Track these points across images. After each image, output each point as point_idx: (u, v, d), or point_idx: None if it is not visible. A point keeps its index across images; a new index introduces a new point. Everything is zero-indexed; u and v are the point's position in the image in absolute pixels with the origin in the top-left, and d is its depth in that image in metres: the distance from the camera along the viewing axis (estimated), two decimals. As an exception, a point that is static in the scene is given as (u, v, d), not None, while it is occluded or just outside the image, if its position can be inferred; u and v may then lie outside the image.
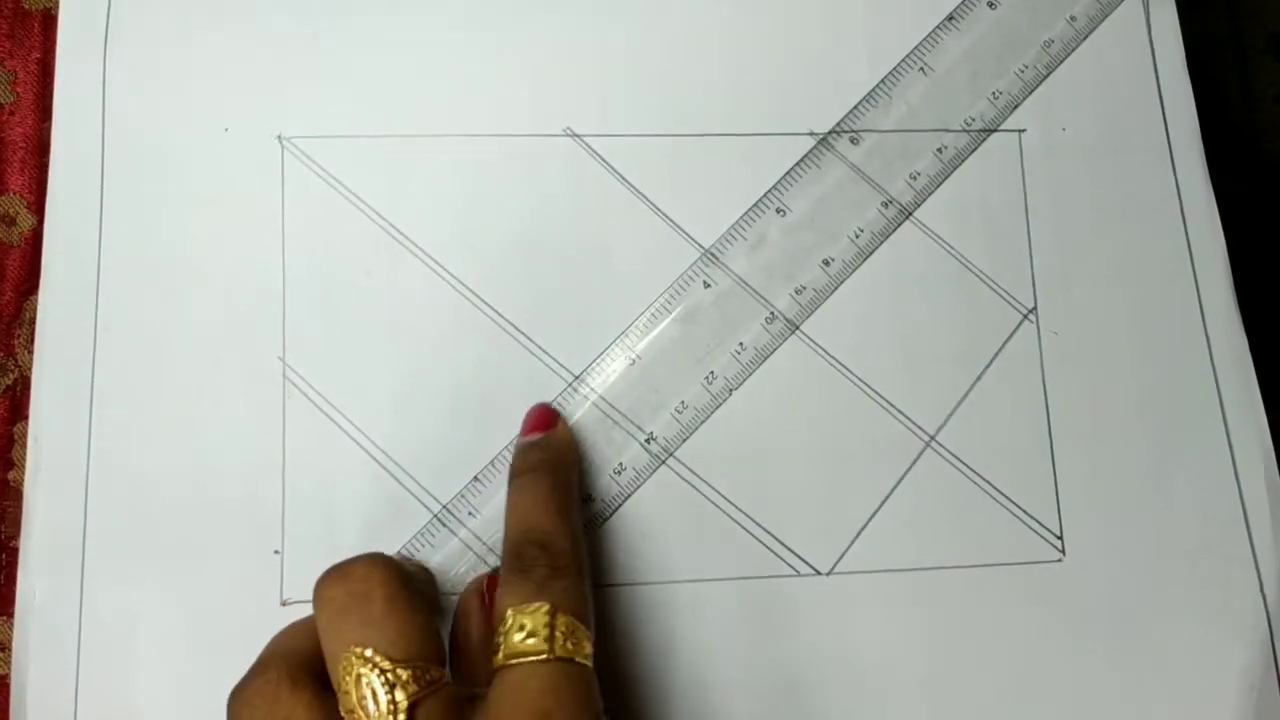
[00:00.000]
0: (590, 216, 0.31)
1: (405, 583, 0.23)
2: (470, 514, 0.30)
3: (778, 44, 0.33)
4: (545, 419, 0.29)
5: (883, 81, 0.33)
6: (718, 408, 0.31)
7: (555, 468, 0.28)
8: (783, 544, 0.30)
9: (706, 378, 0.31)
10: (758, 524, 0.30)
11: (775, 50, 0.33)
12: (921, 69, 0.33)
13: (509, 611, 0.23)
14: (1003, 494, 0.31)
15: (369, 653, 0.22)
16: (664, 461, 0.30)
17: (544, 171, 0.32)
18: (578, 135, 0.32)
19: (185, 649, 0.28)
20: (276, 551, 0.29)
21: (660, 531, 0.30)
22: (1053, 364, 0.32)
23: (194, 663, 0.28)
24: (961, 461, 0.31)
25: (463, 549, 0.29)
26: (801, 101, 0.33)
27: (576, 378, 0.31)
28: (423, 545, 0.29)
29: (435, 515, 0.29)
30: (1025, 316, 0.32)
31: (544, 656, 0.22)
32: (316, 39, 0.32)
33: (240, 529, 0.29)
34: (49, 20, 0.33)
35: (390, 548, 0.29)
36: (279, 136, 0.31)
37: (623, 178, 0.32)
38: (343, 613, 0.23)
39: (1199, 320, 0.32)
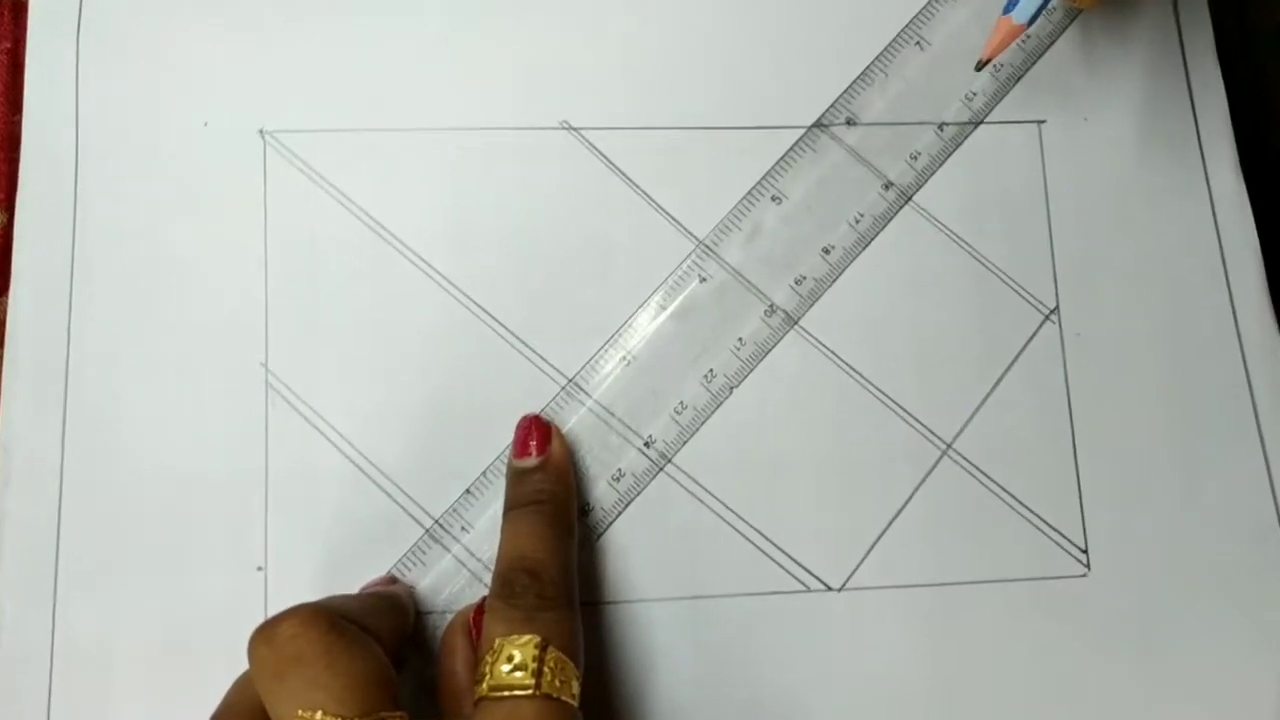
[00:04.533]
0: (586, 213, 0.31)
1: (341, 631, 0.22)
2: (463, 529, 0.29)
3: (777, 35, 0.32)
4: (541, 437, 0.28)
5: (877, 58, 0.32)
6: (718, 407, 0.30)
7: (552, 499, 0.27)
8: (791, 558, 0.29)
9: (705, 376, 0.30)
10: (765, 536, 0.29)
11: (775, 42, 0.32)
12: (918, 43, 0.32)
13: (497, 640, 0.22)
14: (1023, 505, 0.30)
15: (318, 716, 0.21)
16: (663, 468, 0.29)
17: (538, 166, 0.31)
18: (574, 128, 0.31)
19: (163, 671, 0.27)
20: (260, 568, 0.28)
21: (661, 545, 0.29)
22: (1076, 367, 0.31)
23: (172, 685, 0.27)
24: (980, 470, 0.30)
25: (456, 566, 0.28)
26: (803, 94, 0.32)
27: (570, 380, 0.30)
28: (414, 564, 0.28)
29: (427, 531, 0.29)
30: (1047, 317, 0.31)
31: (530, 692, 0.22)
32: (300, 28, 0.31)
33: (221, 544, 0.28)
34: (19, 9, 0.32)
35: (379, 565, 0.28)
36: (261, 131, 0.31)
37: (621, 172, 0.31)
38: (279, 678, 0.21)
39: (1231, 320, 0.31)
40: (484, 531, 0.28)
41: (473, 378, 0.29)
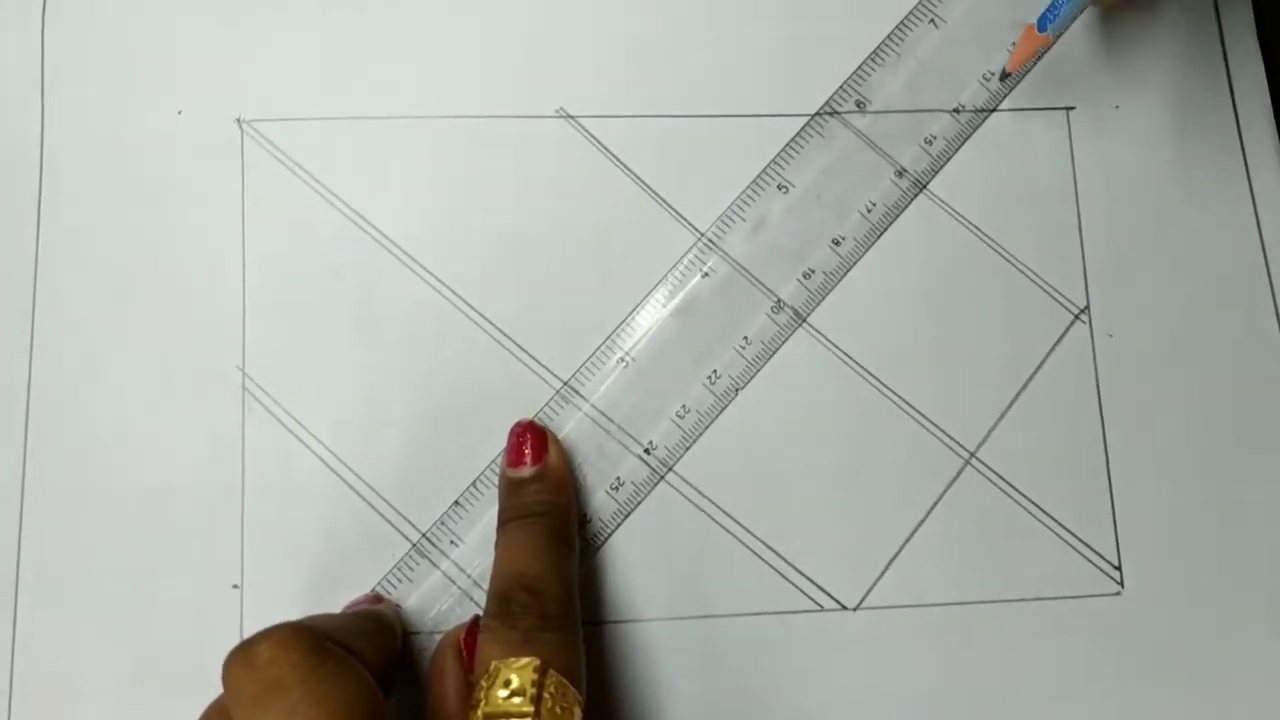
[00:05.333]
0: (584, 206, 0.30)
1: (325, 653, 0.21)
2: (453, 543, 0.28)
3: (782, 16, 0.32)
4: (536, 444, 0.27)
5: (889, 37, 0.31)
6: (723, 411, 0.29)
7: (551, 511, 0.26)
8: (803, 575, 0.28)
9: (709, 377, 0.29)
10: (774, 551, 0.28)
11: (780, 22, 0.32)
12: (932, 20, 0.32)
13: (494, 663, 0.22)
14: (1052, 518, 0.29)
15: None
16: (664, 476, 0.29)
17: (533, 156, 0.30)
18: (571, 116, 0.30)
19: (131, 696, 0.26)
20: (235, 586, 0.27)
21: (664, 560, 0.28)
22: (1108, 370, 0.30)
23: (141, 712, 0.26)
24: (1005, 481, 0.29)
25: (445, 583, 0.28)
26: (810, 77, 0.31)
27: (565, 383, 0.29)
28: (400, 580, 0.28)
29: (414, 545, 0.28)
30: (1076, 317, 0.30)
31: None
32: (281, 10, 0.31)
33: (194, 560, 0.27)
34: (-18, -9, 0.31)
35: (363, 582, 0.27)
36: (238, 120, 0.30)
37: (620, 162, 0.30)
38: (257, 704, 0.20)
39: (1273, 319, 0.30)
40: (474, 546, 0.28)
41: (462, 381, 0.29)
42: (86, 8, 0.30)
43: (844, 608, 0.28)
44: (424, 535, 0.28)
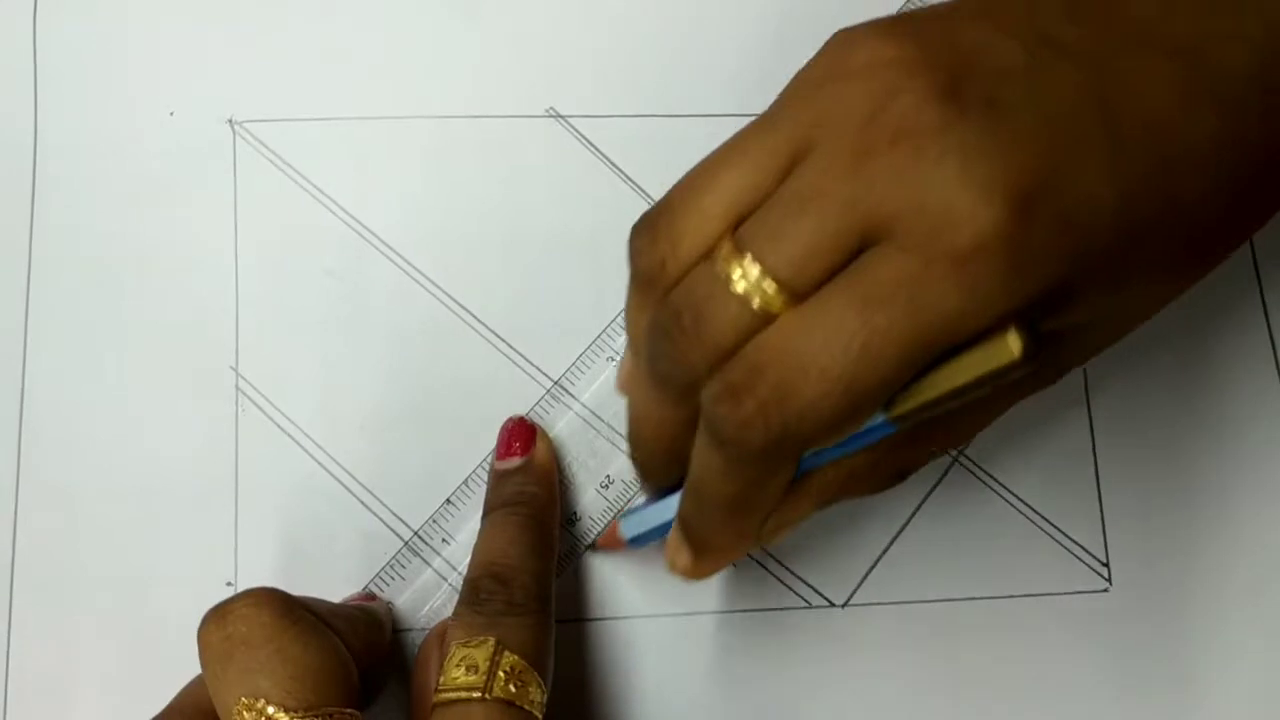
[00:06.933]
0: (575, 206, 0.30)
1: (297, 618, 0.22)
2: (444, 540, 0.28)
3: (774, 15, 0.31)
4: (524, 439, 0.27)
5: None
6: None
7: (531, 502, 0.26)
8: (791, 572, 0.28)
9: None
10: (762, 548, 0.28)
11: (771, 22, 0.31)
12: None
13: (454, 645, 0.22)
14: (1039, 514, 0.29)
15: (261, 704, 0.20)
16: None
17: (525, 156, 0.30)
18: (562, 116, 0.30)
19: (126, 694, 0.26)
20: (229, 583, 0.27)
21: (652, 558, 0.27)
22: (1095, 365, 0.29)
23: (135, 710, 0.25)
24: (992, 478, 0.29)
25: (437, 580, 0.28)
26: None
27: (555, 383, 0.29)
28: (393, 578, 0.27)
29: (406, 543, 0.28)
30: None
31: (478, 695, 0.21)
32: (272, 10, 0.30)
33: (188, 558, 0.27)
34: (-26, -8, 0.30)
35: (356, 580, 0.27)
36: (230, 120, 0.30)
37: (610, 162, 0.30)
38: (225, 660, 0.21)
39: (1261, 312, 0.30)
40: (466, 544, 0.27)
41: (453, 380, 0.29)
42: (78, 8, 0.30)
43: (831, 605, 0.28)
44: (416, 533, 0.27)
